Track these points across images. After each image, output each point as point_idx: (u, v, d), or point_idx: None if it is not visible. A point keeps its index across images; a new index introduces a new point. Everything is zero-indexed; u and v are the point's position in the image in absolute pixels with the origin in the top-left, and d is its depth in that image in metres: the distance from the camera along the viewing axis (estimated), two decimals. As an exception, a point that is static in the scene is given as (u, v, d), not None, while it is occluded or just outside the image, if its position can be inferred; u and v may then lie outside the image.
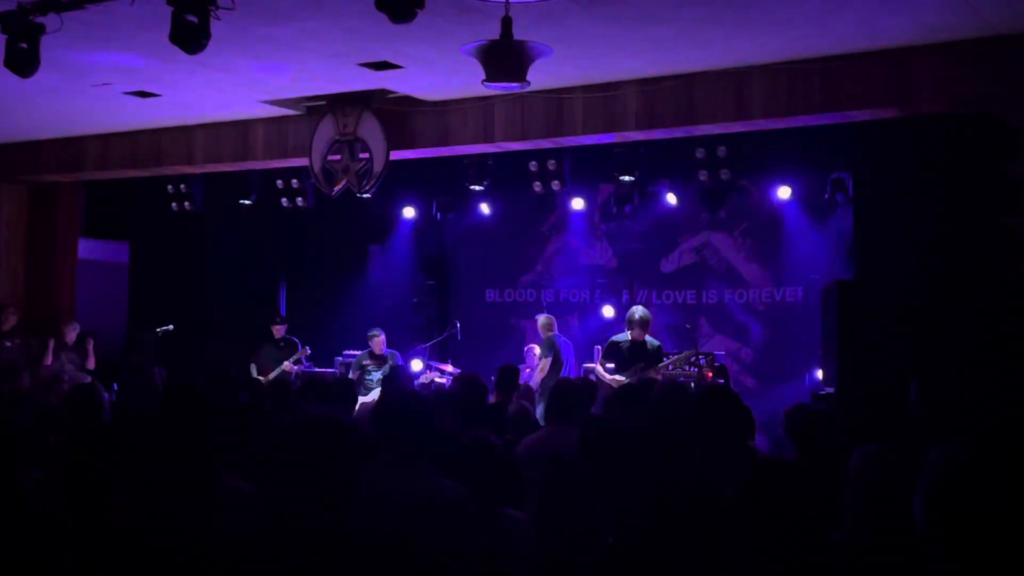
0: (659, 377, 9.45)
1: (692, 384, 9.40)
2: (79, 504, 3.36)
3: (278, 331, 12.12)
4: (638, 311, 9.76)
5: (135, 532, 3.20)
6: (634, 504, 3.69)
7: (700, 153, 10.13)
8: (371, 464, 3.26)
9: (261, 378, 11.01)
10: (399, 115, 10.37)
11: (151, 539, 3.14)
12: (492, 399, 6.91)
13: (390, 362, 11.30)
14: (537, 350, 11.47)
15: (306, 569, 2.94)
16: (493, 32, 6.72)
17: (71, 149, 12.62)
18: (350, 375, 11.19)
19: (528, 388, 9.34)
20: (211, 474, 3.32)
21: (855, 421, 6.06)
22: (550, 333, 11.21)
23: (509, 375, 7.40)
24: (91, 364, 12.11)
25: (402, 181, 11.55)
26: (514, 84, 6.91)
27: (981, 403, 3.81)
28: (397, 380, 8.65)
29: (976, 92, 8.01)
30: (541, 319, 11.43)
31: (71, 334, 12.17)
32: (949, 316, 8.04)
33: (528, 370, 11.19)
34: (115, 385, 10.23)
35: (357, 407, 8.36)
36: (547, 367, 10.85)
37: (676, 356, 9.91)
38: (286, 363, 11.70)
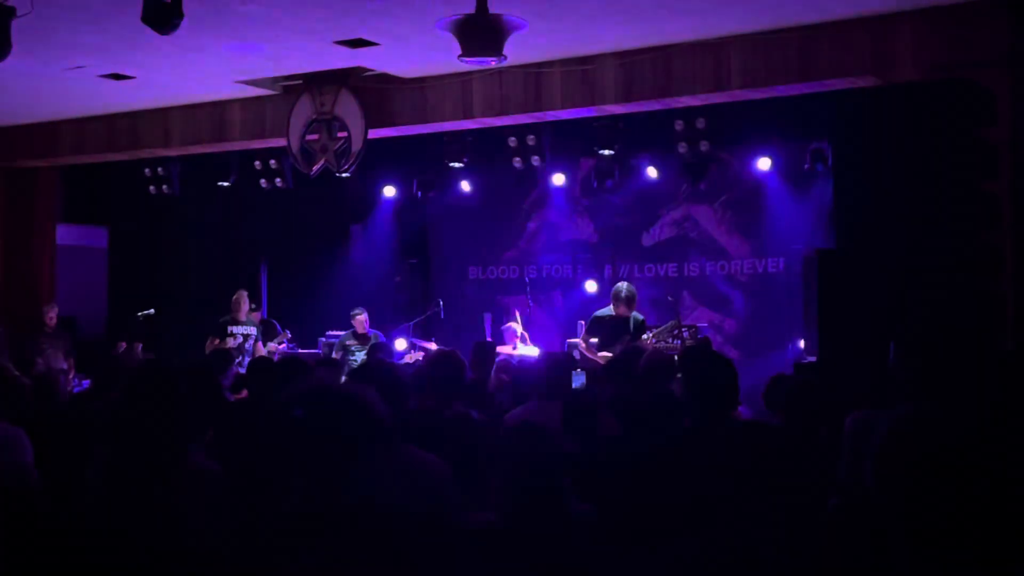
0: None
1: (676, 356, 9.38)
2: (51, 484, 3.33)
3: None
4: (624, 288, 9.66)
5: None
6: (619, 477, 3.69)
7: (679, 125, 10.11)
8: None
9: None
10: (377, 93, 10.30)
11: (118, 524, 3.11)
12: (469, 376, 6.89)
13: (373, 342, 11.22)
14: (518, 328, 11.42)
15: (289, 547, 2.92)
16: (468, 7, 6.67)
17: (46, 134, 12.49)
18: (333, 355, 11.14)
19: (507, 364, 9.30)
20: (179, 456, 3.25)
21: (836, 388, 6.08)
22: None
23: (485, 351, 7.38)
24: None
25: (381, 159, 11.49)
26: (490, 59, 6.88)
27: (955, 365, 3.83)
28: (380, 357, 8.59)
29: (953, 58, 8.00)
30: None
31: (50, 313, 12.03)
32: (928, 281, 8.07)
33: (512, 347, 11.15)
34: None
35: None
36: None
37: (659, 328, 9.88)
38: (271, 344, 11.63)
